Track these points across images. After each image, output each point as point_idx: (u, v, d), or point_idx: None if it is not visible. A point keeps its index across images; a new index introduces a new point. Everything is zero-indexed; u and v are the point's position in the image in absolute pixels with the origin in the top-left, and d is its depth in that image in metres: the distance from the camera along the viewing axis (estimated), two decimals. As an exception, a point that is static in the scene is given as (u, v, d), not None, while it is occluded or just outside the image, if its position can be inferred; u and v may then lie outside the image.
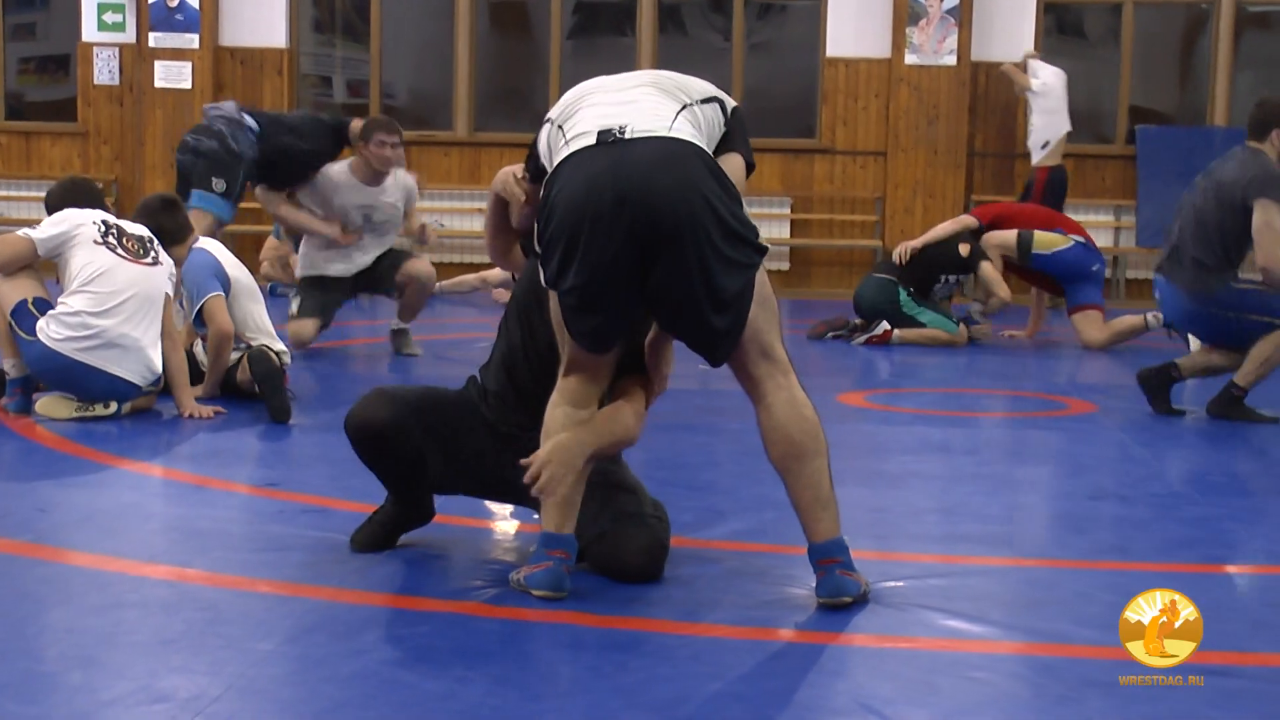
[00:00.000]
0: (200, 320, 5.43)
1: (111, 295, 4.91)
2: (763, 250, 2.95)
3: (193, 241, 5.43)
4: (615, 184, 2.85)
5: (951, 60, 11.49)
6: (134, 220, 5.28)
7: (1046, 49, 11.92)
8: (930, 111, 11.57)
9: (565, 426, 3.02)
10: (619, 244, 2.85)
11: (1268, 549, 3.69)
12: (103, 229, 5.02)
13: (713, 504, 3.85)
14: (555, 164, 2.98)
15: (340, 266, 6.86)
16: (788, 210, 11.82)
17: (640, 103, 3.01)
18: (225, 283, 5.42)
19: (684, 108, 3.03)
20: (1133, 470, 4.77)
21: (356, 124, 6.98)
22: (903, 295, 7.85)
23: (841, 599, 2.97)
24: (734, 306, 2.92)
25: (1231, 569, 3.54)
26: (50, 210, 5.23)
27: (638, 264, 2.88)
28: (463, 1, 12.22)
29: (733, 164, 3.07)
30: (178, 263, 5.32)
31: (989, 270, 7.95)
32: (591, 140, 2.92)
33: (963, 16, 11.46)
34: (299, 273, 7.00)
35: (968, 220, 8.23)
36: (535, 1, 12.52)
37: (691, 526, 3.65)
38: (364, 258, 6.89)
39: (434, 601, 2.99)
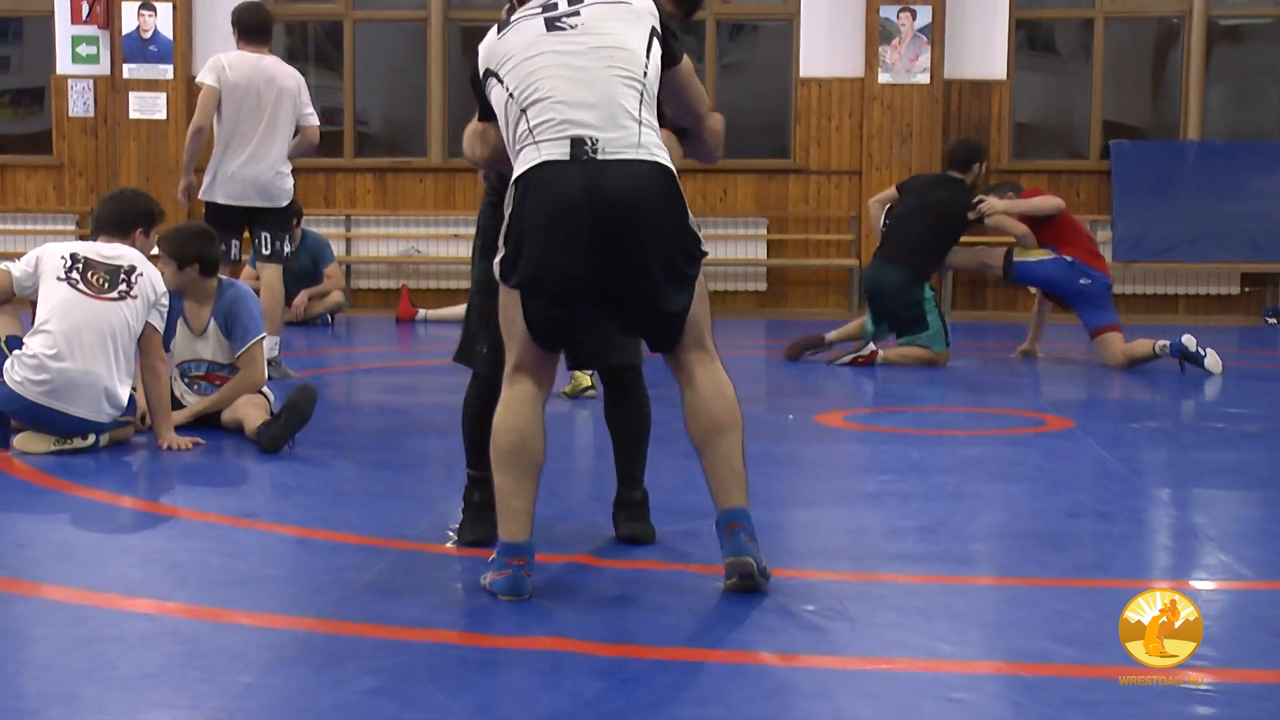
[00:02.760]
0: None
1: (68, 334, 4.86)
2: (703, 254, 3.28)
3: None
4: (592, 216, 3.10)
5: (924, 78, 11.57)
6: (160, 242, 5.29)
7: (1019, 65, 12.02)
8: (904, 130, 11.63)
9: (521, 424, 3.20)
10: (592, 260, 3.13)
11: (1248, 564, 3.70)
12: (67, 263, 4.97)
13: (691, 527, 3.85)
14: (524, 167, 3.15)
15: None
16: (764, 231, 11.86)
17: (609, 98, 3.15)
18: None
19: (641, 95, 3.20)
20: (1111, 486, 4.78)
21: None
22: (927, 293, 7.80)
23: (744, 557, 3.17)
24: (684, 310, 3.24)
25: (1213, 585, 3.55)
26: (98, 224, 5.24)
27: (602, 274, 3.16)
28: (434, 28, 12.24)
29: (685, 71, 3.43)
30: (199, 289, 5.32)
31: (1006, 222, 7.91)
32: (565, 153, 3.11)
33: (935, 35, 11.54)
34: None
35: (1059, 202, 8.00)
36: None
37: (670, 550, 3.66)
38: None
39: (413, 630, 2.98)
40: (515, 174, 3.18)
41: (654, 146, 3.19)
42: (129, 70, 11.92)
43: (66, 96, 11.99)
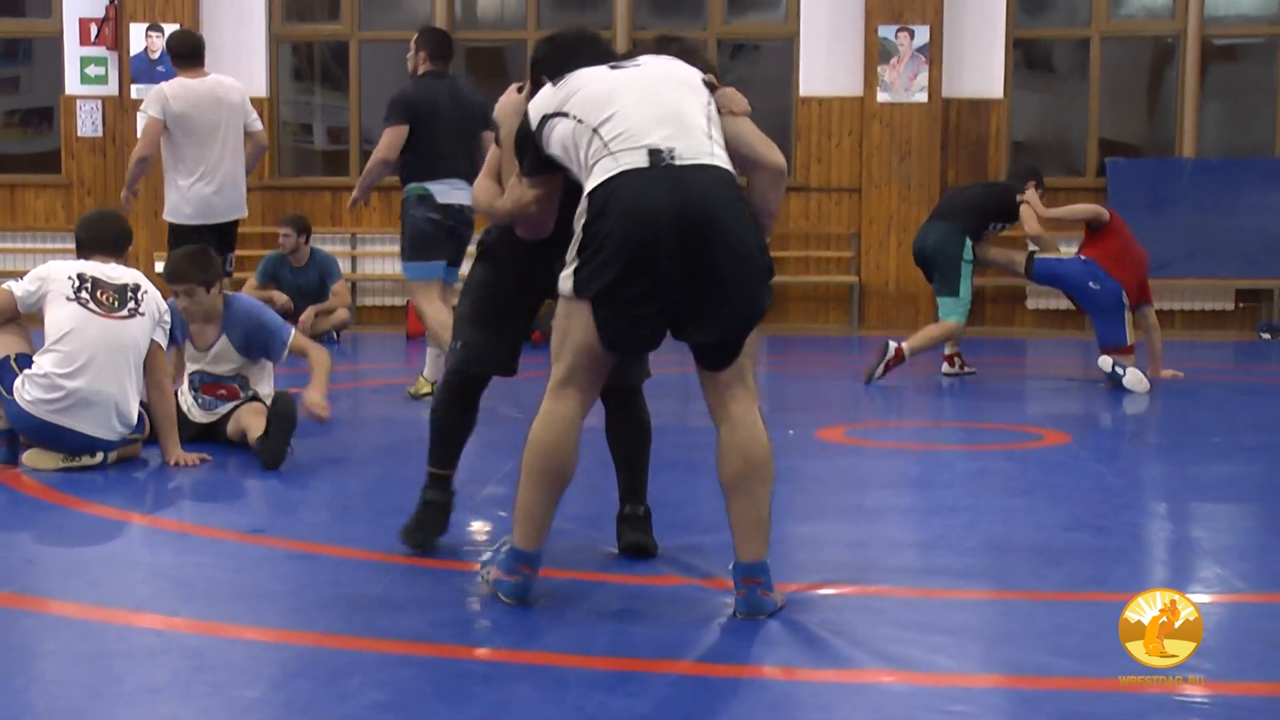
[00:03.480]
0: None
1: (79, 353, 4.90)
2: (772, 272, 3.28)
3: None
4: (673, 219, 3.09)
5: (923, 97, 11.63)
6: (166, 271, 5.34)
7: (1016, 83, 12.08)
8: (903, 147, 11.69)
9: (563, 443, 3.22)
10: (674, 264, 3.11)
11: (1244, 577, 3.72)
12: (76, 283, 5.01)
13: (693, 542, 3.88)
14: (602, 177, 3.15)
15: None
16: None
17: (679, 114, 3.21)
18: None
19: (709, 116, 3.27)
20: (1108, 500, 4.81)
21: None
22: (968, 244, 7.86)
23: (758, 615, 3.19)
24: (749, 325, 3.28)
25: (1209, 597, 3.57)
26: (79, 245, 5.27)
27: (680, 279, 3.13)
28: (439, 47, 12.31)
29: (744, 127, 3.39)
30: (213, 309, 5.36)
31: (1027, 214, 7.96)
32: (643, 161, 3.13)
33: (933, 54, 11.60)
34: None
35: (1101, 211, 7.96)
36: (511, 46, 12.63)
37: (672, 563, 3.69)
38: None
39: (417, 645, 3.01)
40: (591, 186, 3.17)
41: (724, 159, 3.23)
42: (136, 90, 12.00)
43: (75, 116, 12.06)
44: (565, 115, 3.25)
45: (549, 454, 3.22)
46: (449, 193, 6.56)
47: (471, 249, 4.82)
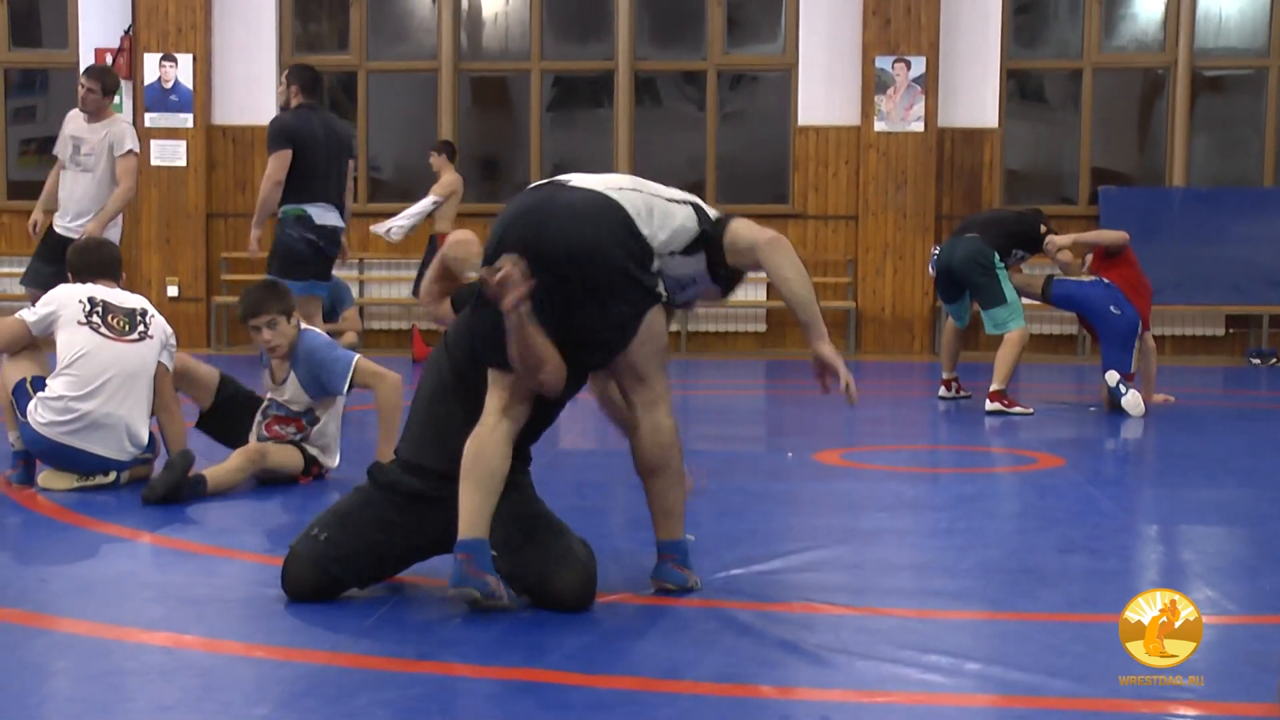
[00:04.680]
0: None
1: (93, 376, 4.97)
2: (656, 297, 3.51)
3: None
4: (540, 222, 3.39)
5: (919, 126, 11.73)
6: (242, 307, 5.26)
7: (1010, 113, 12.19)
8: (899, 176, 11.79)
9: (498, 444, 3.39)
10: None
11: (1234, 599, 3.76)
12: (87, 308, 5.08)
13: (692, 563, 3.92)
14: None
15: None
16: (763, 273, 11.95)
17: (602, 179, 3.55)
18: None
19: (640, 194, 3.55)
20: (1101, 523, 4.85)
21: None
22: (996, 257, 7.82)
23: (667, 584, 3.59)
24: (621, 330, 3.46)
25: (1202, 620, 3.62)
26: (75, 271, 5.31)
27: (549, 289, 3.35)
28: (445, 78, 12.44)
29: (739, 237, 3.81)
30: (289, 340, 5.28)
31: (1064, 256, 7.96)
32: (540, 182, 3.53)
33: (929, 84, 11.71)
34: None
35: (1124, 236, 8.01)
36: (515, 76, 12.74)
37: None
38: None
39: (425, 664, 3.04)
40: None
41: (621, 200, 3.55)
42: (150, 119, 12.14)
43: (91, 145, 12.16)
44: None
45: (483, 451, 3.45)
46: (324, 215, 7.10)
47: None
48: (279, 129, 7.08)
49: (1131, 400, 7.52)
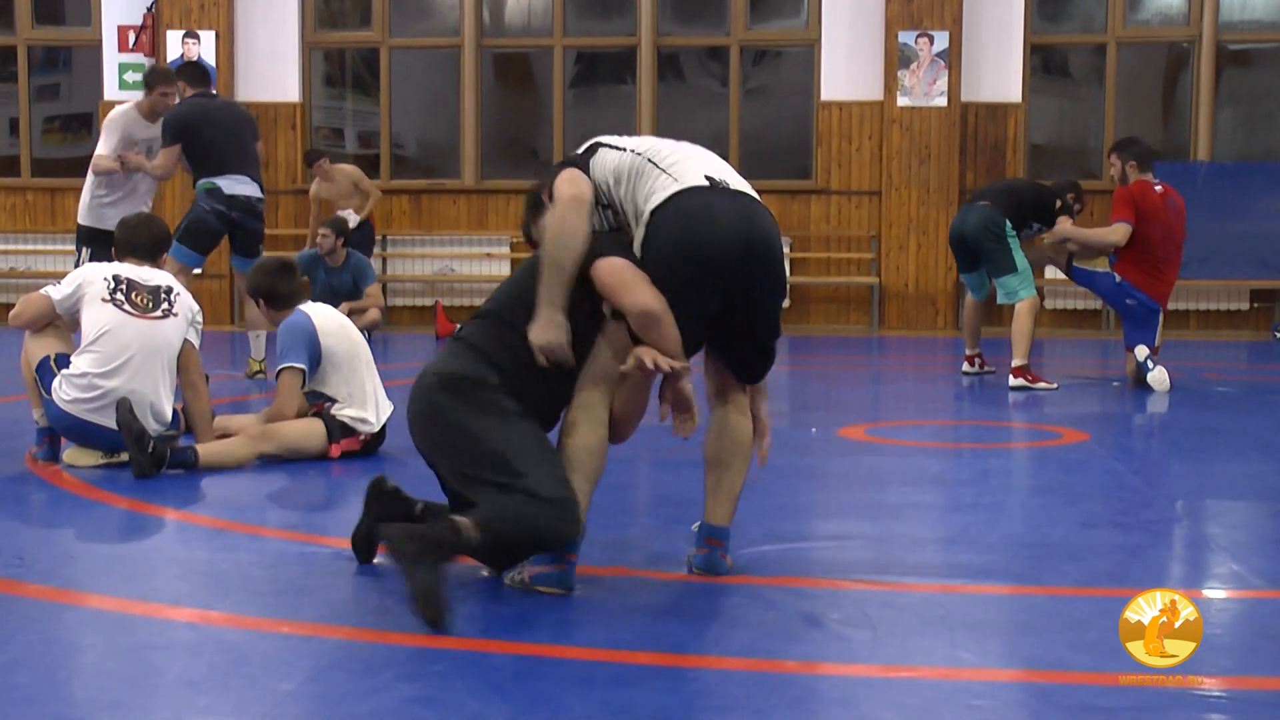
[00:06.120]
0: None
1: (116, 353, 4.99)
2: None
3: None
4: (748, 230, 3.42)
5: (942, 101, 11.67)
6: (248, 280, 5.40)
7: (1033, 88, 12.11)
8: (922, 152, 11.73)
9: (596, 431, 3.42)
10: (729, 278, 3.40)
11: (1260, 574, 3.75)
12: (111, 285, 5.10)
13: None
14: (664, 194, 3.41)
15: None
16: (786, 249, 11.96)
17: (725, 168, 3.58)
18: (314, 354, 5.26)
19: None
20: (1126, 498, 4.85)
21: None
22: (1008, 225, 7.81)
23: (712, 573, 3.54)
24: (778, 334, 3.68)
25: (1225, 594, 3.61)
26: (116, 246, 5.38)
27: (727, 297, 3.43)
28: (468, 55, 12.42)
29: None
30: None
31: (1070, 240, 7.95)
32: (704, 182, 3.43)
33: (952, 59, 11.64)
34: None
35: (1122, 239, 7.75)
36: (538, 53, 12.71)
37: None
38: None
39: (450, 640, 3.05)
40: (654, 204, 3.41)
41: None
42: (174, 97, 12.14)
43: (115, 122, 12.23)
44: (627, 150, 3.53)
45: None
46: (235, 186, 7.40)
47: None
48: (167, 122, 7.36)
49: (1157, 375, 7.49)
